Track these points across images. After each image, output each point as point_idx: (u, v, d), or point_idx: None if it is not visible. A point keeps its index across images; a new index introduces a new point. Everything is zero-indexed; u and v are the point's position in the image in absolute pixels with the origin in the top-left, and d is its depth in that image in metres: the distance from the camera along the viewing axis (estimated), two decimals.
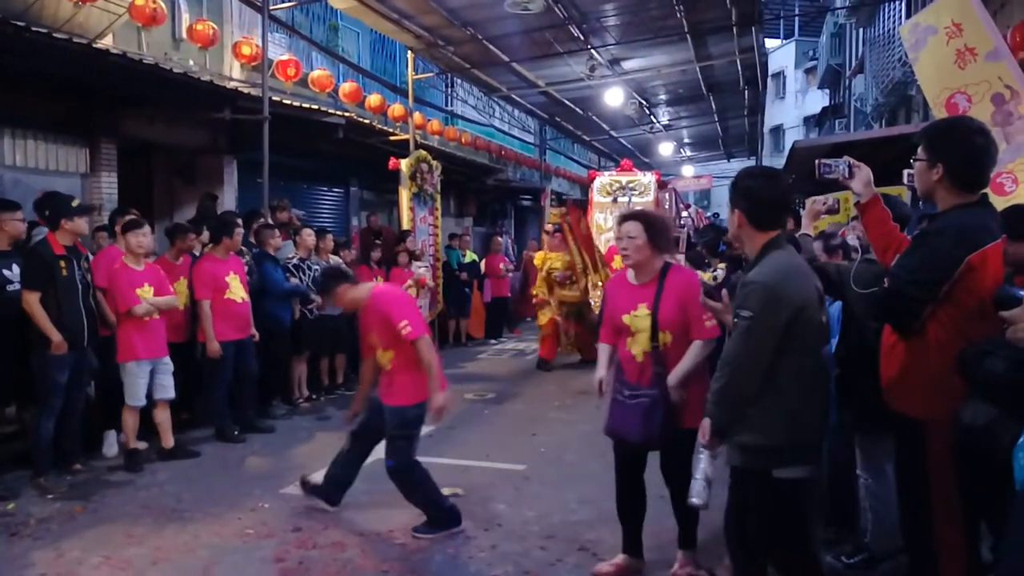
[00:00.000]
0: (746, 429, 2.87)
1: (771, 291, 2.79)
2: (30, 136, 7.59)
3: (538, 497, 5.27)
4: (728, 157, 29.97)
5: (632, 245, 3.74)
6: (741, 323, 2.82)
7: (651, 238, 3.72)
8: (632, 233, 3.74)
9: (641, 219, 3.78)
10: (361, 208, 14.24)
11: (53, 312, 5.38)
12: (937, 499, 2.82)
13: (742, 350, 2.83)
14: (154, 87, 7.81)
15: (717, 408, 2.94)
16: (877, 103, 16.70)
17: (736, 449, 2.92)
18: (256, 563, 4.21)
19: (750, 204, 2.97)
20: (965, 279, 2.76)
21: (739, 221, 2.98)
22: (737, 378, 2.85)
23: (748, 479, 2.91)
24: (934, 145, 2.96)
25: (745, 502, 2.96)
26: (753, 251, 2.97)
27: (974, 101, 5.29)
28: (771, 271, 2.84)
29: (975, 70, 5.28)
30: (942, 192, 2.93)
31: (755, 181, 3.03)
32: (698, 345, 3.67)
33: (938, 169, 2.90)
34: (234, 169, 10.21)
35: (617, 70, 14.60)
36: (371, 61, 14.56)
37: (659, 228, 3.76)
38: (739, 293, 2.88)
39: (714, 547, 4.18)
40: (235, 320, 6.77)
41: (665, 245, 3.80)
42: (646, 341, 3.70)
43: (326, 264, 8.48)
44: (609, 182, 14.93)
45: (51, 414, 5.47)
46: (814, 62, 33.05)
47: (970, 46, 5.29)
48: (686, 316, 3.68)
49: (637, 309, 3.73)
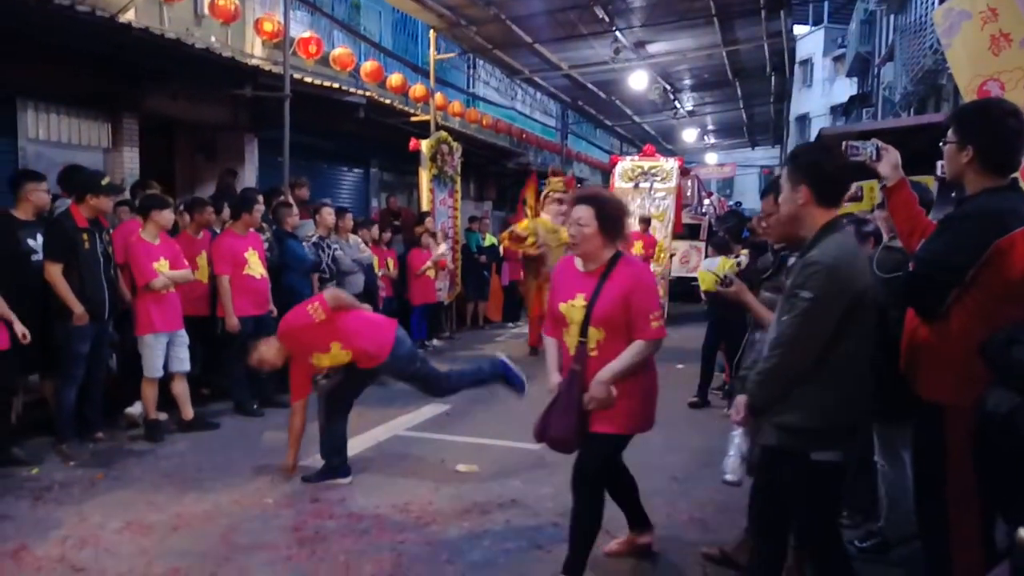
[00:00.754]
0: (788, 409, 2.78)
1: (834, 273, 2.68)
2: (53, 110, 7.65)
3: (553, 475, 5.26)
4: (752, 145, 29.74)
5: (580, 233, 3.40)
6: (800, 304, 2.70)
7: (602, 225, 3.38)
8: (582, 219, 3.40)
9: (593, 203, 3.43)
10: (381, 189, 14.26)
11: (75, 284, 5.44)
12: (953, 486, 2.79)
13: (800, 331, 2.72)
14: (175, 62, 7.85)
15: (762, 388, 2.84)
16: (906, 92, 16.46)
17: (773, 429, 2.83)
18: (274, 531, 4.26)
19: (816, 179, 2.82)
20: (992, 264, 2.71)
21: (804, 199, 2.82)
22: (790, 359, 2.76)
23: (783, 460, 2.84)
24: (965, 127, 2.90)
25: (776, 483, 2.92)
26: (812, 230, 2.83)
27: (1007, 88, 5.19)
28: (835, 252, 2.72)
29: (1009, 56, 5.18)
30: (971, 175, 2.88)
31: (820, 155, 2.90)
32: (638, 345, 3.36)
33: (968, 151, 2.85)
34: (255, 147, 10.26)
35: (642, 53, 14.47)
36: (393, 40, 14.52)
37: (612, 214, 3.43)
38: (798, 273, 2.77)
39: (728, 529, 4.19)
40: (254, 296, 6.80)
41: (617, 233, 3.46)
42: (576, 335, 3.42)
43: (345, 242, 8.51)
44: (631, 168, 14.86)
45: (73, 384, 5.55)
46: (843, 49, 32.61)
47: (1005, 31, 5.20)
48: (628, 313, 3.35)
49: (575, 298, 3.42)
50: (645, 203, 14.42)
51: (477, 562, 3.95)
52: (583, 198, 3.51)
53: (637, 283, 3.38)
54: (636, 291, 3.35)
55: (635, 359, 3.37)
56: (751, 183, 38.70)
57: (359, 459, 5.58)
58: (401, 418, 6.77)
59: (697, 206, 20.01)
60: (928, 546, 3.05)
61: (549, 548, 4.10)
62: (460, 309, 12.85)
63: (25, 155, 7.37)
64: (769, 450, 2.89)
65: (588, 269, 3.46)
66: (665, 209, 14.39)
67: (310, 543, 4.11)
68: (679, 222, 14.84)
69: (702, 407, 7.46)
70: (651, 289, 3.45)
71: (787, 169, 2.95)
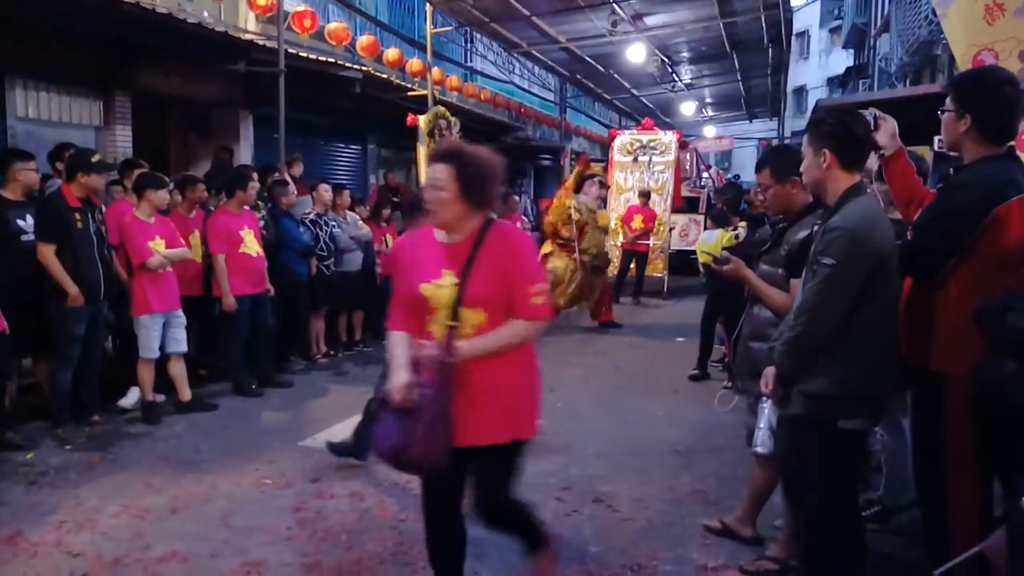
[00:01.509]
0: (814, 377, 2.78)
1: (856, 238, 2.68)
2: (43, 88, 7.56)
3: (555, 451, 5.27)
4: (750, 118, 29.66)
5: (437, 198, 2.71)
6: (822, 271, 2.70)
7: (464, 188, 2.70)
8: (439, 181, 2.71)
9: (453, 161, 2.73)
10: (379, 166, 14.18)
11: (69, 264, 5.39)
12: (952, 453, 2.80)
13: (823, 298, 2.72)
14: (168, 38, 7.74)
15: (789, 358, 2.84)
16: (902, 63, 16.33)
17: (800, 397, 2.83)
18: (274, 512, 4.25)
19: (840, 142, 2.82)
20: (989, 232, 2.71)
21: (829, 162, 2.81)
22: (815, 326, 2.75)
23: (809, 427, 2.84)
24: (963, 95, 2.89)
25: (801, 451, 2.91)
26: (835, 195, 2.83)
27: (1001, 58, 5.20)
28: (857, 217, 2.72)
29: (1003, 26, 5.17)
30: (969, 143, 2.87)
31: (843, 117, 2.88)
32: (519, 325, 2.73)
33: (966, 120, 2.84)
34: (250, 124, 10.17)
35: (639, 26, 14.34)
36: (389, 14, 14.36)
37: (476, 175, 2.73)
38: (820, 239, 2.77)
39: (728, 501, 4.19)
40: (250, 274, 6.76)
41: (483, 198, 2.76)
42: (445, 320, 2.74)
43: (342, 219, 8.47)
44: (630, 141, 14.84)
45: (68, 366, 5.51)
46: (839, 21, 32.40)
47: (999, 2, 5.19)
48: (509, 290, 2.73)
49: (441, 277, 2.74)
50: (644, 176, 14.39)
51: (479, 538, 3.91)
52: (441, 155, 2.80)
53: (517, 253, 2.77)
54: (515, 262, 2.75)
55: (510, 339, 2.73)
56: (749, 156, 38.46)
57: None
58: None
59: (696, 179, 19.95)
60: (927, 513, 3.06)
61: (551, 523, 4.08)
62: None
63: (15, 134, 7.29)
64: (794, 418, 2.88)
65: (453, 240, 2.80)
66: (664, 183, 14.36)
67: (310, 523, 4.10)
68: (678, 195, 14.81)
69: (702, 379, 7.45)
70: (530, 259, 2.85)
71: (809, 135, 2.93)
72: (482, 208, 2.79)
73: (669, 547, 3.84)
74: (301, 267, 7.72)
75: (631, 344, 9.48)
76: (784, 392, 2.91)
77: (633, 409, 6.43)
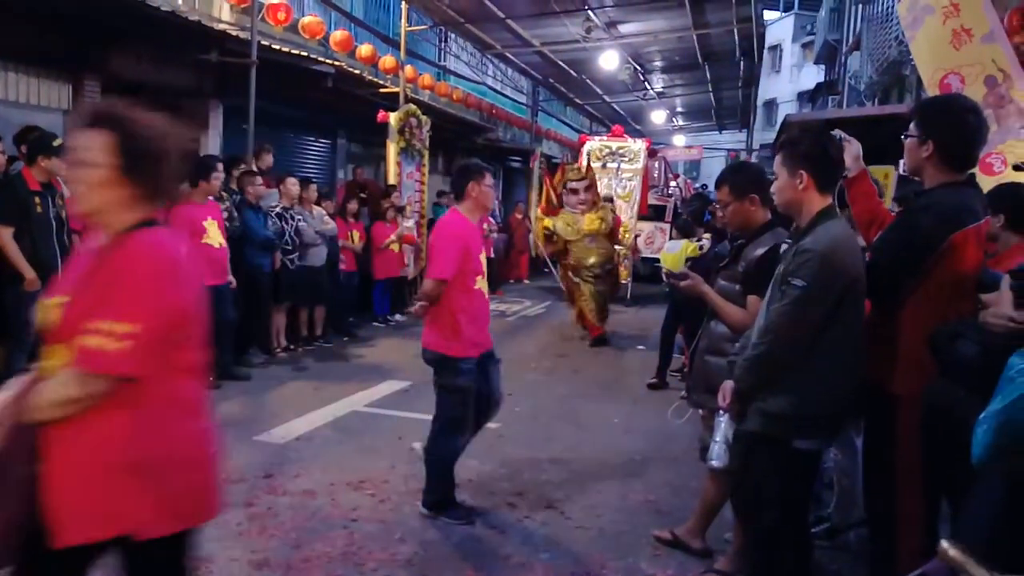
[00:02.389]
0: (773, 395, 2.79)
1: (827, 261, 2.70)
2: (11, 69, 7.40)
3: (510, 455, 5.30)
4: (720, 128, 29.94)
5: (84, 179, 1.96)
6: (792, 291, 2.71)
7: (128, 165, 1.95)
8: (89, 156, 1.94)
9: (113, 127, 1.95)
10: (348, 160, 14.07)
11: (27, 248, 5.31)
12: (902, 471, 2.84)
13: (791, 319, 2.73)
14: (140, 24, 7.62)
15: (750, 374, 2.85)
16: (871, 81, 16.60)
17: (758, 414, 2.84)
18: (225, 506, 4.20)
19: (818, 164, 2.85)
20: (945, 257, 2.76)
21: (806, 184, 2.83)
22: (781, 346, 2.76)
23: (764, 445, 2.85)
24: (926, 122, 2.93)
25: (754, 467, 2.92)
26: (808, 216, 2.85)
27: (967, 82, 5.29)
28: (829, 240, 2.74)
29: (970, 51, 5.27)
30: (930, 169, 2.91)
31: (819, 139, 2.93)
32: (63, 377, 1.88)
33: (928, 146, 2.87)
34: (220, 113, 10.04)
35: (613, 33, 14.44)
36: (364, 10, 14.26)
37: (146, 148, 1.97)
38: (791, 260, 2.78)
39: (680, 512, 4.24)
40: (212, 265, 6.67)
41: (153, 183, 2.00)
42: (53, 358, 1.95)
43: (308, 213, 8.42)
44: (599, 147, 14.91)
45: (24, 351, 5.41)
46: (811, 37, 32.82)
47: (966, 27, 5.28)
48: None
49: (55, 295, 2.00)
50: (612, 183, 14.47)
51: (431, 541, 3.95)
52: (93, 118, 1.98)
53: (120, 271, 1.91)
54: (111, 283, 1.90)
55: (52, 396, 1.87)
56: (718, 166, 38.74)
57: (315, 435, 5.56)
58: (359, 394, 6.73)
59: (664, 187, 20.08)
60: (874, 532, 3.11)
61: (503, 529, 4.12)
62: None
63: None
64: (750, 435, 2.89)
65: (101, 243, 2.02)
66: (631, 190, 14.46)
67: (261, 519, 4.07)
68: (645, 203, 14.89)
69: (660, 389, 7.52)
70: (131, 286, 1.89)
71: (783, 156, 2.94)
72: (153, 196, 2.02)
73: (619, 556, 3.88)
74: (262, 260, 7.65)
75: (592, 350, 9.53)
76: (741, 407, 2.93)
77: (590, 416, 6.47)
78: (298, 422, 5.79)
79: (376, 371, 7.69)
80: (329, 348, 8.74)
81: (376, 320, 10.58)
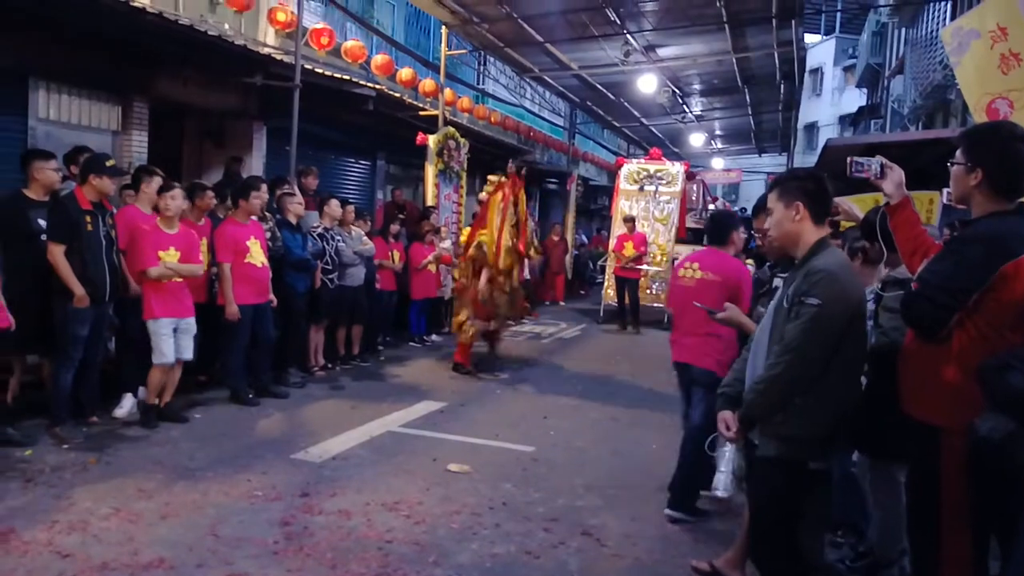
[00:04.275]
0: (790, 419, 2.82)
1: (839, 281, 2.79)
2: (64, 91, 7.61)
3: (545, 480, 5.28)
4: (759, 152, 29.75)
5: None
6: (807, 310, 2.75)
7: None
8: None
9: None
10: (387, 182, 14.23)
11: (77, 266, 5.43)
12: (946, 508, 2.76)
13: (808, 337, 2.76)
14: (189, 48, 7.84)
15: (764, 397, 2.86)
16: (915, 105, 16.42)
17: (772, 439, 2.86)
18: (262, 524, 4.25)
19: (813, 197, 2.98)
20: (996, 289, 2.69)
21: (802, 215, 2.96)
22: (798, 367, 2.78)
23: (781, 469, 2.86)
24: (975, 149, 2.88)
25: (774, 492, 2.93)
26: (805, 246, 2.96)
27: (1016, 106, 5.22)
28: (837, 262, 2.85)
29: (1019, 75, 5.20)
30: (979, 198, 2.86)
31: (815, 174, 3.08)
32: None
33: (977, 174, 2.82)
34: (263, 135, 10.23)
35: (652, 57, 14.46)
36: (405, 34, 14.50)
37: None
38: (803, 280, 2.84)
39: (718, 542, 4.18)
40: (254, 284, 6.79)
41: None
42: None
43: (348, 234, 8.52)
44: (637, 170, 14.90)
45: (70, 366, 5.53)
46: (853, 60, 32.55)
47: (1015, 51, 5.21)
48: None
49: None
50: (649, 206, 14.44)
51: (464, 565, 3.94)
52: None
53: None
54: None
55: None
56: (757, 189, 38.62)
57: (351, 454, 5.58)
58: (395, 414, 6.76)
59: (702, 211, 19.99)
60: (917, 568, 3.03)
61: (538, 554, 4.09)
62: None
63: (35, 135, 7.34)
64: (767, 461, 2.89)
65: None
66: (669, 213, 14.42)
67: (297, 538, 4.10)
68: (683, 226, 14.82)
69: None
70: None
71: (779, 191, 3.06)
72: None
73: None
74: (296, 280, 7.65)
75: (629, 373, 9.48)
76: (746, 433, 2.96)
77: (627, 441, 6.42)
78: (334, 441, 5.82)
79: (412, 391, 7.72)
80: (366, 367, 8.80)
81: (412, 340, 10.64)
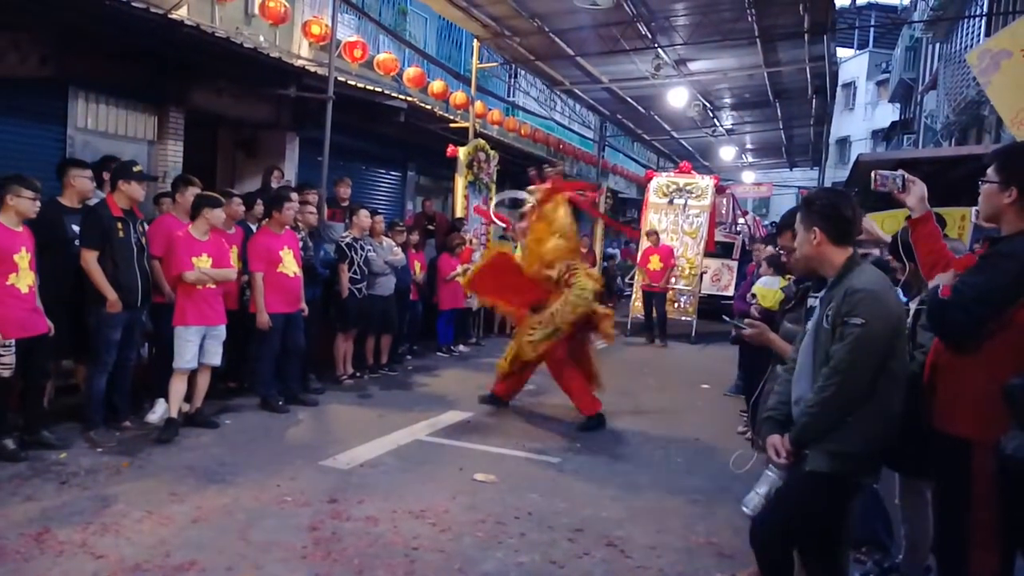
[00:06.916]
0: (843, 436, 2.85)
1: (880, 299, 2.82)
2: (102, 101, 7.80)
3: (570, 490, 5.30)
4: (791, 166, 29.52)
5: None
6: (851, 331, 2.80)
7: None
8: None
9: None
10: (417, 193, 14.36)
11: (109, 272, 5.55)
12: (975, 523, 2.74)
13: (856, 357, 2.80)
14: (224, 60, 8.01)
15: (817, 420, 2.88)
16: (948, 121, 16.28)
17: (823, 455, 2.88)
18: (291, 529, 4.31)
19: (829, 221, 3.01)
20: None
21: (819, 239, 3.00)
22: (849, 386, 2.82)
23: (830, 484, 2.90)
24: (1008, 167, 2.86)
25: (816, 506, 2.96)
26: (834, 267, 3.00)
27: None
28: (874, 281, 2.88)
29: None
30: (1011, 216, 2.83)
31: (832, 199, 3.09)
32: None
33: (1011, 192, 2.80)
34: (296, 146, 10.39)
35: (683, 70, 14.48)
36: (437, 47, 14.66)
37: None
38: (843, 301, 2.86)
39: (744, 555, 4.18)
40: (286, 294, 6.89)
41: None
42: None
43: (378, 244, 8.60)
44: (666, 183, 14.89)
45: (103, 371, 5.66)
46: (887, 75, 32.36)
47: None
48: None
49: None
50: (679, 219, 14.43)
51: (489, 573, 3.97)
52: None
53: None
54: None
55: None
56: (788, 203, 38.36)
57: (378, 462, 5.64)
58: (422, 423, 6.81)
59: (732, 224, 19.91)
60: None
61: (563, 564, 4.11)
62: (488, 315, 12.86)
63: (73, 144, 7.53)
64: (816, 476, 2.90)
65: None
66: (698, 226, 14.39)
67: (326, 544, 4.15)
68: (712, 240, 14.79)
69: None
70: None
71: (801, 215, 3.11)
72: None
73: None
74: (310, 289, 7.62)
75: (655, 387, 9.47)
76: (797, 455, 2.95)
77: (653, 453, 6.41)
78: (362, 449, 5.89)
79: (439, 401, 7.77)
80: (394, 376, 8.87)
81: (440, 350, 10.70)
